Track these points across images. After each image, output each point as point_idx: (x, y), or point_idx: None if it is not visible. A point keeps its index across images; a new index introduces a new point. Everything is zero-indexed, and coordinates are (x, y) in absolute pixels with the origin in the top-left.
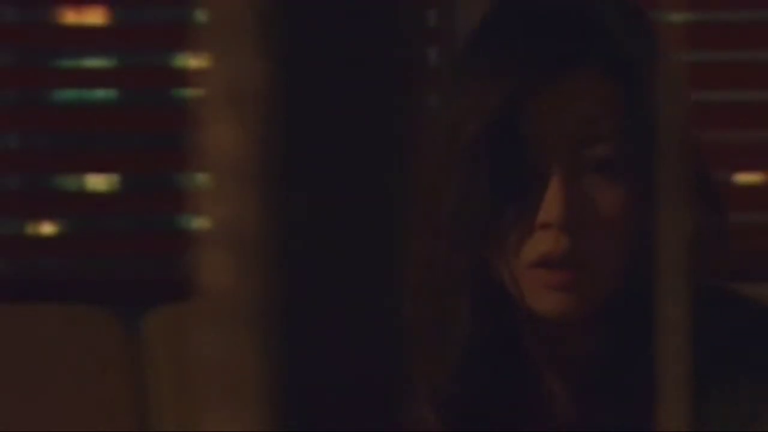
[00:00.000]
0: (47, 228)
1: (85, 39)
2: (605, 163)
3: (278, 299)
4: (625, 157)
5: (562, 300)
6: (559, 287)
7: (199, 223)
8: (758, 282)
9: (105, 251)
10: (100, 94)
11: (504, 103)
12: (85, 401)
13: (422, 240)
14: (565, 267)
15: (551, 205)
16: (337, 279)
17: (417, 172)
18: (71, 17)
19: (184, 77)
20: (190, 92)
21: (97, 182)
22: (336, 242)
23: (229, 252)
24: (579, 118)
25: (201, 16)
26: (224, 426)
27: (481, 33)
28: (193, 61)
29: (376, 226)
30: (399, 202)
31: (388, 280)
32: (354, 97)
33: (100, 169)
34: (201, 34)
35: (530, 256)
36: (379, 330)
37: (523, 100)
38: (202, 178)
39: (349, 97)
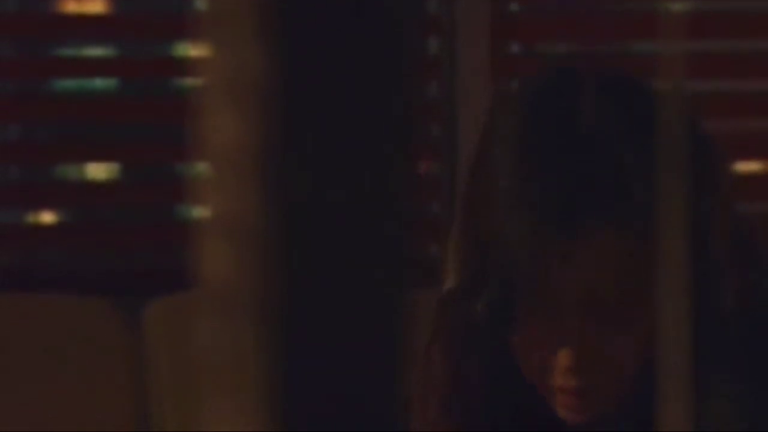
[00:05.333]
0: (47, 218)
1: (86, 29)
2: (617, 315)
3: (278, 290)
4: (634, 304)
5: (577, 413)
6: (573, 408)
7: (200, 213)
8: None
9: (105, 241)
10: (101, 84)
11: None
12: (85, 391)
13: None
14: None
15: (566, 355)
16: (338, 270)
17: (419, 167)
18: (71, 7)
19: (184, 67)
20: (190, 82)
21: (98, 172)
22: (337, 232)
23: (229, 242)
24: (594, 275)
25: (201, 6)
26: (224, 415)
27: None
28: (193, 51)
29: (377, 218)
30: (400, 193)
31: (389, 271)
32: (353, 87)
33: (100, 159)
34: (201, 25)
35: (549, 380)
36: (380, 322)
37: (542, 250)
38: (202, 169)
39: (348, 87)
